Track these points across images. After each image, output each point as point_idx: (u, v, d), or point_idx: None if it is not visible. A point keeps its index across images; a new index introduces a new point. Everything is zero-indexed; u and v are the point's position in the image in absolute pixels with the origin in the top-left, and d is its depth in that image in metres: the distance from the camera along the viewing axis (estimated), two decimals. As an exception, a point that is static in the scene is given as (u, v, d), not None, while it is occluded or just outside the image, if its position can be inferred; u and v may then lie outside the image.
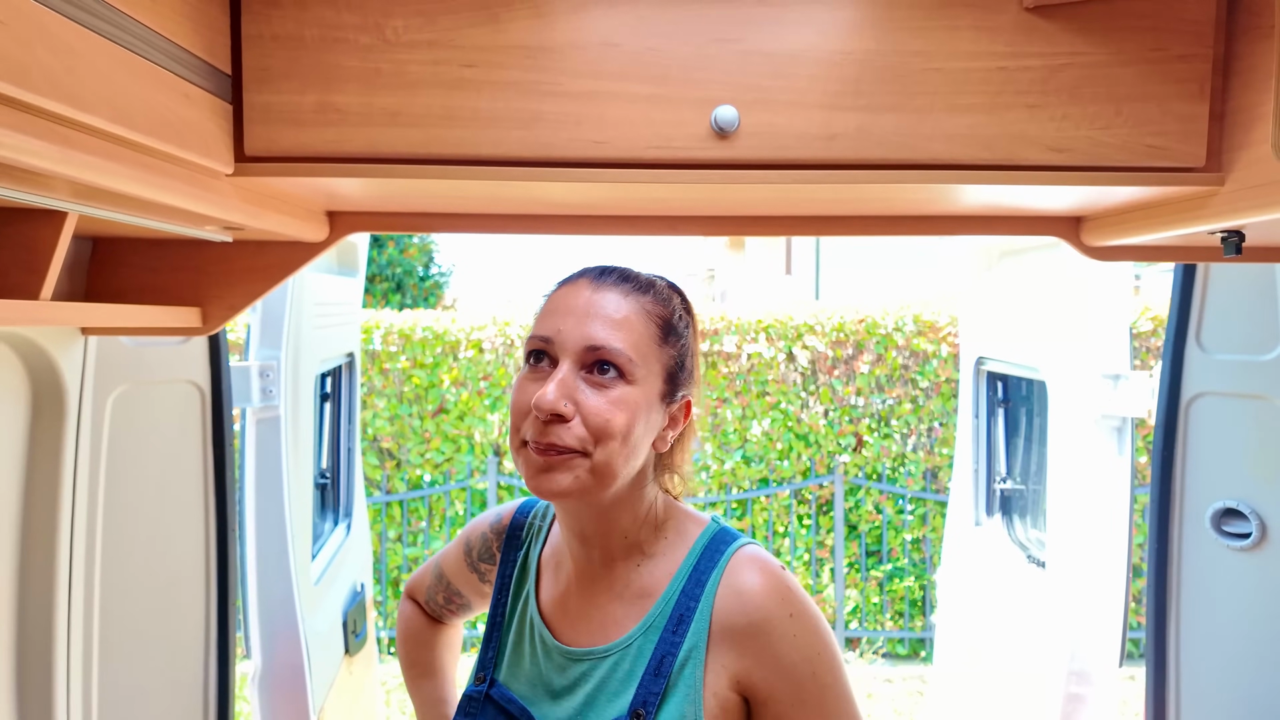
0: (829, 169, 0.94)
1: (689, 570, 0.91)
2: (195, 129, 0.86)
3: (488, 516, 1.13)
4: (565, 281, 0.94)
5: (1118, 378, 1.68)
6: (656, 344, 0.90)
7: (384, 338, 5.19)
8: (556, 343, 0.87)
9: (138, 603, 1.40)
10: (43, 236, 0.93)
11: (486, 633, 1.02)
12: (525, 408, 0.86)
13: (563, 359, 0.86)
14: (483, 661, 1.01)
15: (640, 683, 0.88)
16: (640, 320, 0.89)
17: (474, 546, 1.11)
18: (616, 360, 0.86)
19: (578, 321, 0.87)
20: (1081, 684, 1.75)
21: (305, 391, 1.85)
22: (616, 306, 0.88)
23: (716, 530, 0.95)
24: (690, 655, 0.87)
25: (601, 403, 0.85)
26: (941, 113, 0.93)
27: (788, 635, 0.87)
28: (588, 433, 0.84)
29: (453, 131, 0.93)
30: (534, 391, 0.85)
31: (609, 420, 0.85)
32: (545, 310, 0.92)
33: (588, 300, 0.89)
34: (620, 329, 0.87)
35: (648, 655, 0.89)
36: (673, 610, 0.90)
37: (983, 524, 2.48)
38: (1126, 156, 0.94)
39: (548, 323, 0.89)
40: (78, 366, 1.26)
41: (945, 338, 5.07)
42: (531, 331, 0.90)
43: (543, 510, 1.08)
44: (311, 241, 1.25)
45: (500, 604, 1.03)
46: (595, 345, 0.86)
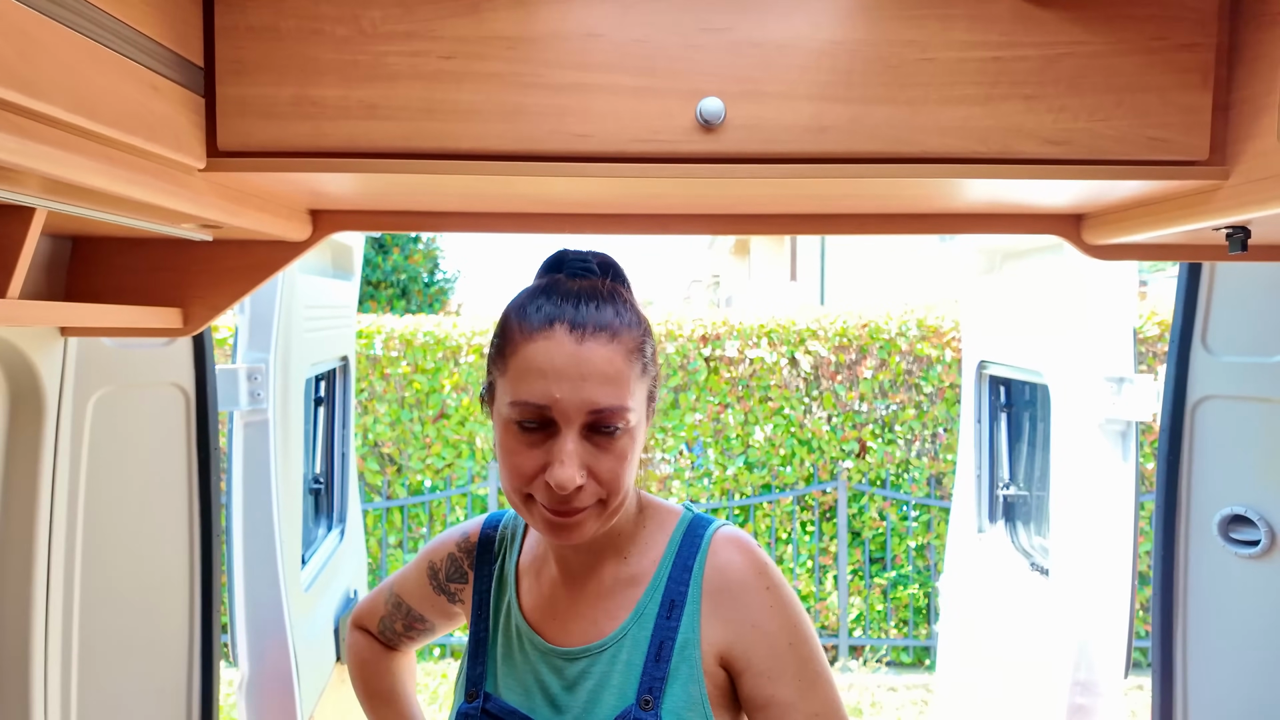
0: (819, 162, 0.91)
1: (673, 556, 0.93)
2: (165, 122, 0.83)
3: (452, 535, 1.10)
4: (537, 329, 0.86)
5: (1122, 381, 1.64)
6: (640, 377, 0.89)
7: (385, 343, 5.18)
8: (555, 410, 0.83)
9: (119, 610, 1.37)
10: (10, 233, 0.90)
11: (470, 650, 1.00)
12: (532, 474, 0.85)
13: (565, 427, 0.83)
14: (471, 678, 0.99)
15: (643, 670, 0.89)
16: (626, 364, 0.86)
17: (440, 568, 1.08)
18: (619, 417, 0.85)
19: (573, 386, 0.83)
20: (1087, 694, 1.71)
21: (295, 395, 1.82)
22: (607, 360, 0.85)
23: (692, 517, 0.97)
24: (688, 638, 0.89)
25: (611, 461, 0.85)
26: (935, 104, 0.90)
27: (764, 605, 0.90)
28: (600, 487, 0.85)
29: (432, 125, 0.90)
30: (536, 459, 0.84)
31: (618, 473, 0.86)
32: (525, 368, 0.85)
33: (574, 357, 0.84)
34: (614, 384, 0.85)
35: (645, 642, 0.90)
36: (663, 596, 0.91)
37: (986, 531, 2.44)
38: (1127, 149, 0.91)
39: (538, 387, 0.83)
40: (57, 368, 1.23)
41: (949, 343, 5.03)
42: (516, 394, 0.85)
43: (513, 521, 1.08)
44: (294, 241, 1.23)
45: (482, 619, 1.01)
46: (598, 409, 0.83)
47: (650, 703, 0.87)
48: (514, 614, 0.98)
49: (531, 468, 0.85)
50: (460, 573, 1.06)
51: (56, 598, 1.24)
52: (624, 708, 0.88)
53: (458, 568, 1.06)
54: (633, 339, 0.89)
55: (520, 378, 0.85)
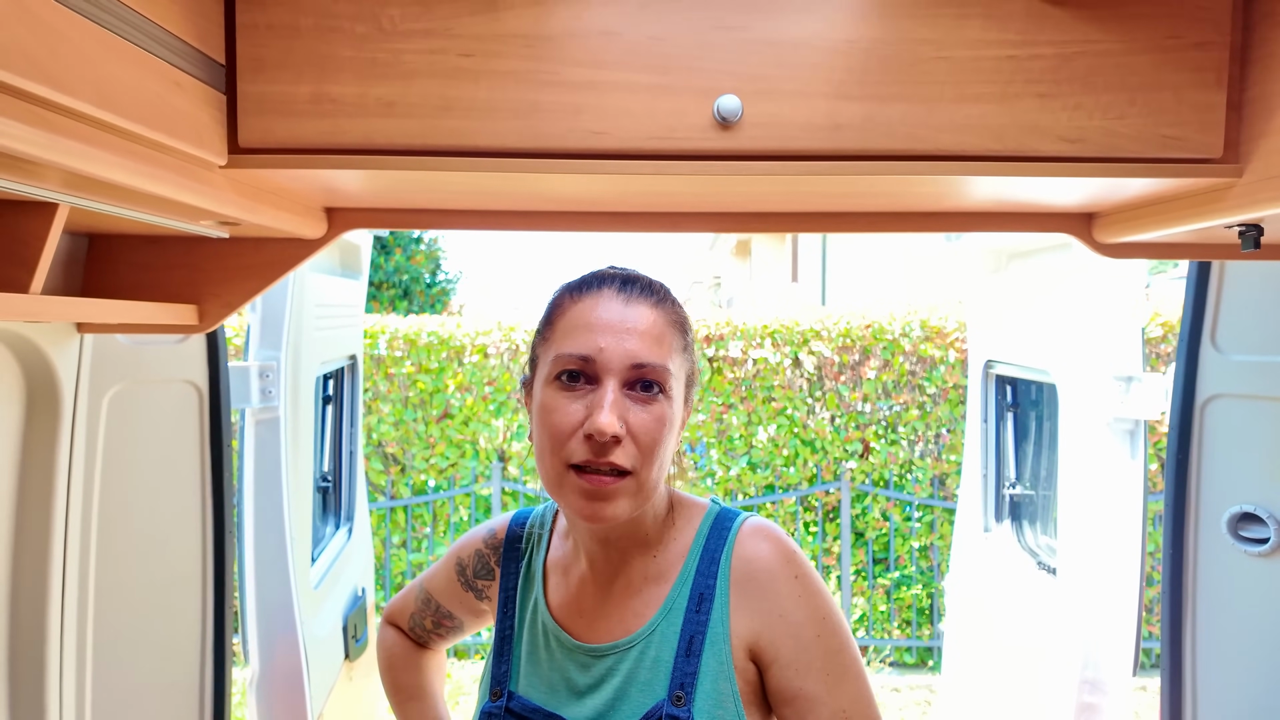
0: (835, 160, 0.91)
1: (700, 550, 0.93)
2: (187, 118, 0.84)
3: (479, 533, 1.10)
4: (585, 291, 0.91)
5: (1130, 380, 1.65)
6: (681, 353, 0.91)
7: (389, 343, 5.18)
8: (599, 362, 0.85)
9: (132, 605, 1.38)
10: (32, 229, 0.91)
11: (495, 647, 1.00)
12: (570, 429, 0.85)
13: (606, 378, 0.85)
14: (496, 676, 0.98)
15: (674, 665, 0.88)
16: (669, 332, 0.89)
17: (468, 564, 1.09)
18: (659, 377, 0.86)
19: (617, 338, 0.85)
20: (1094, 693, 1.71)
21: (305, 393, 1.83)
22: (652, 321, 0.88)
23: (719, 510, 0.97)
24: (718, 632, 0.88)
25: (649, 420, 0.85)
26: (950, 102, 0.90)
27: (791, 595, 0.89)
28: (637, 451, 0.85)
29: (449, 122, 0.91)
30: (577, 412, 0.85)
31: (655, 438, 0.85)
32: (572, 324, 0.88)
33: (621, 314, 0.87)
34: (659, 344, 0.87)
35: (675, 637, 0.89)
36: (692, 590, 0.91)
37: (992, 530, 2.45)
38: (1141, 147, 0.91)
39: (583, 340, 0.86)
40: (73, 365, 1.24)
41: (953, 343, 5.03)
42: (561, 348, 0.87)
43: (540, 518, 1.07)
44: (309, 238, 1.24)
45: (507, 616, 1.01)
46: (640, 363, 0.85)
47: (682, 698, 0.86)
48: (540, 611, 0.98)
49: (571, 422, 0.84)
50: (487, 570, 1.06)
51: (71, 593, 1.25)
52: (654, 704, 0.87)
53: (485, 564, 1.06)
54: (676, 313, 0.92)
55: (567, 333, 0.88)
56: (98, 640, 1.32)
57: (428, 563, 5.20)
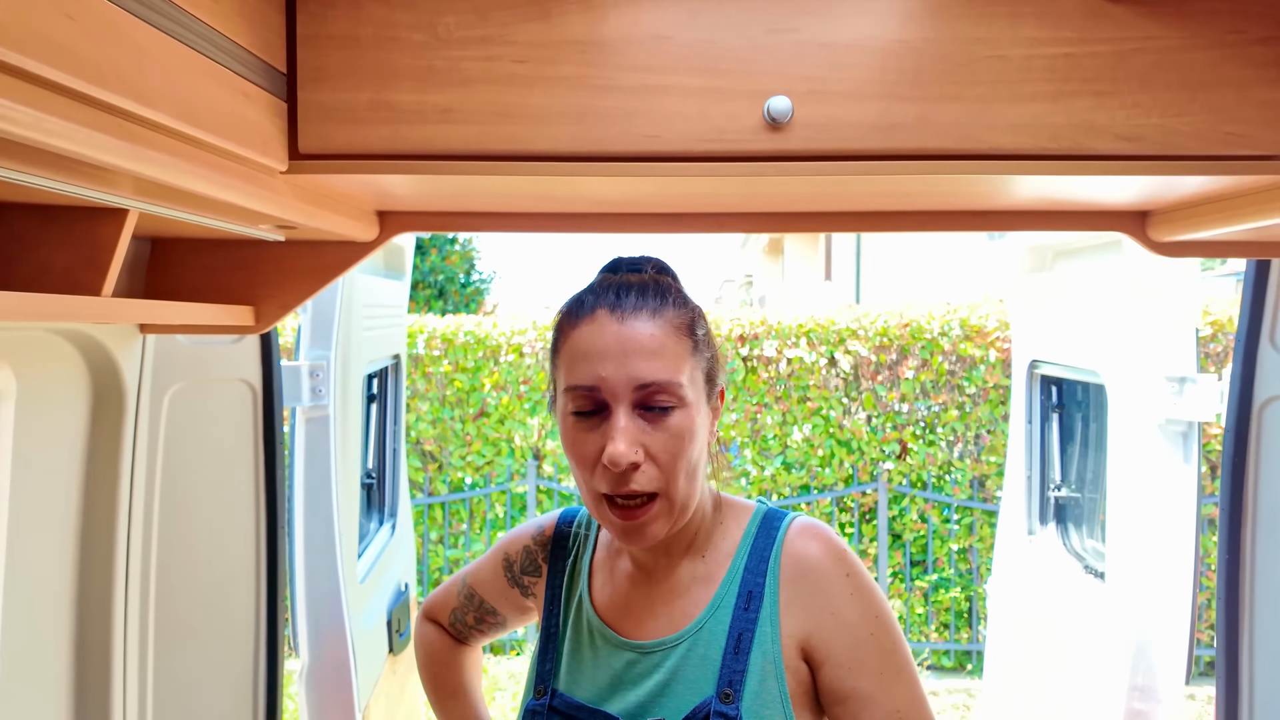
0: (887, 159, 0.91)
1: (748, 549, 0.93)
2: (254, 127, 0.87)
3: (528, 529, 1.11)
4: (580, 316, 0.90)
5: (1183, 380, 1.61)
6: (691, 354, 0.89)
7: (427, 342, 5.26)
8: (603, 389, 0.85)
9: (191, 599, 1.42)
10: (105, 234, 0.95)
11: (541, 645, 1.01)
12: (591, 461, 0.86)
13: (615, 405, 0.84)
14: (540, 674, 0.99)
15: (722, 662, 0.88)
16: (673, 339, 0.88)
17: (515, 560, 1.09)
18: (669, 390, 0.85)
19: (617, 363, 0.84)
20: (1145, 700, 1.68)
21: (354, 392, 1.87)
22: (649, 334, 0.86)
23: (766, 510, 0.97)
24: (767, 630, 0.88)
25: (666, 438, 0.85)
26: (1005, 102, 0.90)
27: (844, 594, 0.88)
28: (658, 471, 0.85)
29: (505, 128, 0.93)
30: (594, 443, 0.85)
31: (675, 455, 0.85)
32: (573, 355, 0.88)
33: (617, 335, 0.86)
34: (660, 357, 0.86)
35: (723, 635, 0.89)
36: (740, 589, 0.90)
37: (1036, 533, 2.41)
38: (1202, 145, 0.90)
39: (584, 370, 0.86)
40: (136, 364, 1.28)
41: (994, 342, 4.96)
42: (567, 380, 0.88)
43: (587, 518, 1.08)
44: (362, 241, 1.27)
45: (553, 614, 1.02)
46: (644, 383, 0.84)
47: (730, 696, 0.86)
48: (586, 609, 0.99)
49: (592, 454, 0.85)
50: (535, 566, 1.07)
51: (135, 586, 1.30)
52: (700, 700, 0.87)
53: (533, 561, 1.07)
54: (679, 317, 0.90)
55: (570, 366, 0.88)
56: (159, 631, 1.36)
57: (464, 559, 5.27)
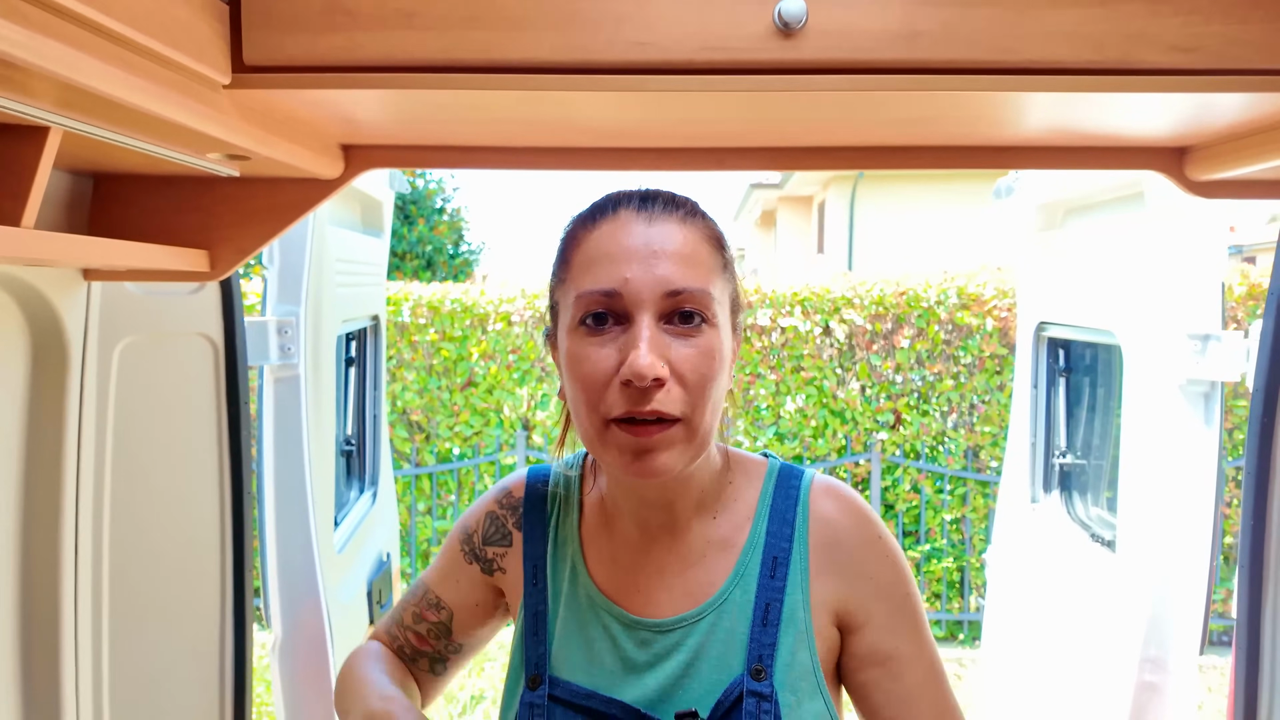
0: (910, 73, 0.80)
1: (768, 511, 0.84)
2: (186, 28, 0.76)
3: (489, 495, 0.96)
4: (600, 216, 0.80)
5: (1207, 338, 1.53)
6: (721, 273, 0.79)
7: (413, 310, 5.13)
8: (626, 295, 0.73)
9: (149, 570, 1.33)
10: (21, 156, 0.83)
11: (527, 626, 0.88)
12: (603, 378, 0.73)
13: (638, 313, 0.73)
14: (532, 659, 0.86)
15: (750, 636, 0.80)
16: (704, 249, 0.78)
17: (475, 530, 0.94)
18: (701, 303, 0.75)
19: (644, 265, 0.73)
20: (1157, 672, 1.61)
21: (327, 351, 1.76)
22: (683, 239, 0.76)
23: (779, 466, 0.88)
24: (796, 599, 0.81)
25: (694, 354, 0.74)
26: (1044, 6, 0.79)
27: (878, 556, 0.83)
28: (684, 393, 0.73)
29: (477, 34, 0.81)
30: (608, 358, 0.73)
31: (705, 374, 0.74)
32: (590, 257, 0.76)
33: (645, 236, 0.75)
34: (694, 265, 0.75)
35: (749, 607, 0.81)
36: (764, 555, 0.82)
37: (1040, 501, 2.34)
38: (1267, 57, 0.79)
39: (605, 272, 0.74)
40: (81, 314, 1.17)
41: (991, 311, 4.88)
42: (581, 286, 0.75)
43: (564, 477, 0.94)
44: (325, 178, 1.15)
45: (537, 588, 0.88)
46: (675, 290, 0.74)
47: (763, 672, 0.78)
48: (582, 582, 0.87)
49: (604, 370, 0.73)
50: (502, 534, 0.93)
51: (86, 556, 1.20)
52: (731, 680, 0.78)
53: (499, 528, 0.93)
54: (709, 228, 0.81)
55: (585, 270, 0.76)
56: (114, 605, 1.27)
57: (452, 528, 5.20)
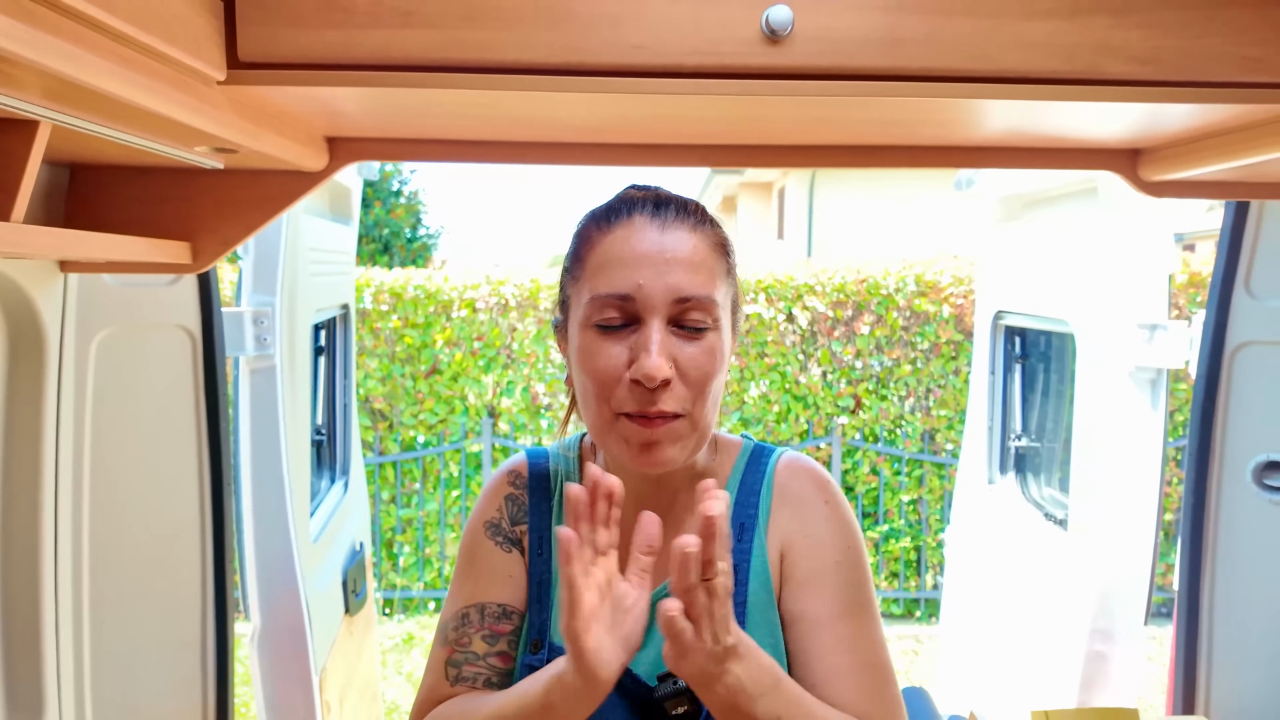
0: (893, 79, 0.84)
1: (739, 483, 0.91)
2: (183, 24, 0.76)
3: (496, 482, 0.99)
4: (615, 219, 0.85)
5: (1154, 328, 1.61)
6: (725, 278, 0.85)
7: (375, 296, 5.07)
8: (639, 300, 0.79)
9: (129, 561, 1.32)
10: (11, 150, 0.82)
11: (532, 594, 0.92)
12: (614, 374, 0.80)
13: (650, 317, 0.79)
14: (535, 625, 0.90)
15: None
16: (713, 258, 0.84)
17: (500, 518, 0.97)
18: (707, 310, 0.81)
19: (656, 272, 0.79)
20: (1105, 642, 1.71)
21: (302, 341, 1.75)
22: (693, 247, 0.82)
23: (754, 445, 0.95)
24: (760, 560, 0.87)
25: (699, 354, 0.80)
26: (1019, 18, 0.83)
27: (820, 517, 0.88)
28: (687, 391, 0.80)
29: (472, 34, 0.83)
30: (618, 356, 0.80)
31: (707, 373, 0.80)
32: (604, 260, 0.82)
33: (658, 243, 0.81)
34: (701, 273, 0.81)
35: None
36: (732, 521, 0.88)
37: (996, 482, 2.44)
38: (1220, 69, 0.85)
39: (619, 277, 0.80)
40: (57, 306, 1.16)
41: (947, 298, 5.01)
42: (596, 288, 0.81)
43: (559, 457, 0.99)
44: (310, 171, 1.15)
45: (542, 559, 0.93)
46: (685, 297, 0.80)
47: None
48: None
49: (615, 367, 0.79)
50: (523, 511, 0.96)
51: (65, 547, 1.19)
52: None
53: (519, 506, 0.96)
54: (716, 236, 0.86)
55: (599, 271, 0.82)
56: (94, 597, 1.26)
57: (418, 518, 5.18)
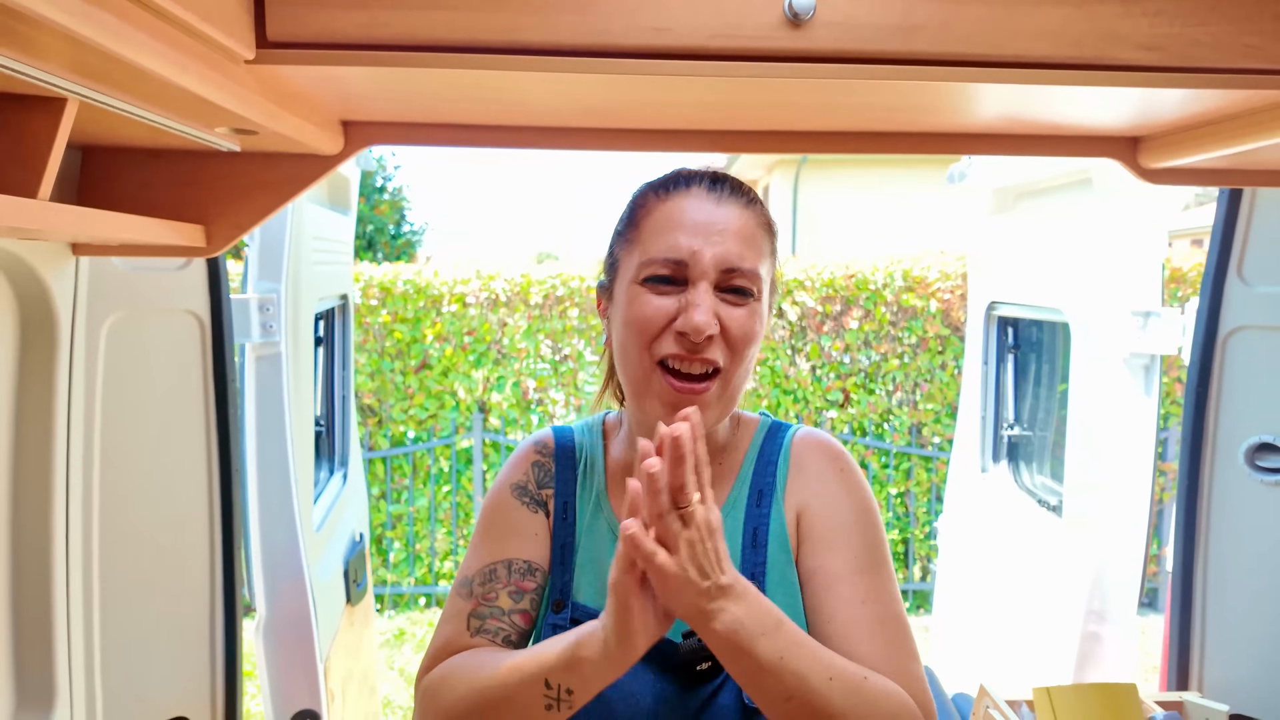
0: (908, 64, 0.87)
1: (757, 454, 0.96)
2: (217, 2, 0.76)
3: (524, 451, 1.02)
4: (673, 188, 0.90)
5: (1148, 315, 1.65)
6: (769, 257, 0.91)
7: (364, 291, 5.05)
8: (691, 264, 0.85)
9: (139, 546, 1.32)
10: (39, 127, 0.83)
11: (555, 556, 0.97)
12: (661, 322, 0.85)
13: (699, 280, 0.85)
14: (557, 585, 0.95)
15: (742, 556, 0.90)
16: (760, 235, 0.89)
17: (528, 481, 1.00)
18: (751, 282, 0.86)
19: (709, 240, 0.85)
20: (1100, 624, 1.75)
21: (305, 329, 1.75)
22: (744, 222, 0.87)
23: (771, 422, 1.00)
24: (779, 523, 0.91)
25: (742, 316, 0.86)
26: (1030, 5, 0.86)
27: (836, 483, 0.92)
28: (728, 348, 0.85)
29: (498, 15, 0.84)
30: (666, 308, 0.85)
31: (746, 338, 0.86)
32: (660, 225, 0.87)
33: (712, 214, 0.87)
34: (750, 247, 0.87)
35: (739, 531, 0.91)
36: (750, 488, 0.93)
37: (989, 471, 2.48)
38: (1221, 56, 0.88)
39: (674, 241, 0.85)
40: (69, 289, 1.16)
41: (935, 293, 5.06)
42: (649, 251, 0.86)
43: (585, 429, 1.05)
44: (325, 154, 1.16)
45: (567, 524, 0.97)
46: (732, 267, 0.85)
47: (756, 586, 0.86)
48: (606, 515, 0.96)
49: (662, 318, 0.84)
50: (550, 476, 1.00)
51: (76, 534, 1.19)
52: None
53: (546, 472, 1.00)
54: (765, 216, 0.92)
55: (655, 234, 0.86)
56: (104, 582, 1.26)
57: (408, 514, 5.16)
